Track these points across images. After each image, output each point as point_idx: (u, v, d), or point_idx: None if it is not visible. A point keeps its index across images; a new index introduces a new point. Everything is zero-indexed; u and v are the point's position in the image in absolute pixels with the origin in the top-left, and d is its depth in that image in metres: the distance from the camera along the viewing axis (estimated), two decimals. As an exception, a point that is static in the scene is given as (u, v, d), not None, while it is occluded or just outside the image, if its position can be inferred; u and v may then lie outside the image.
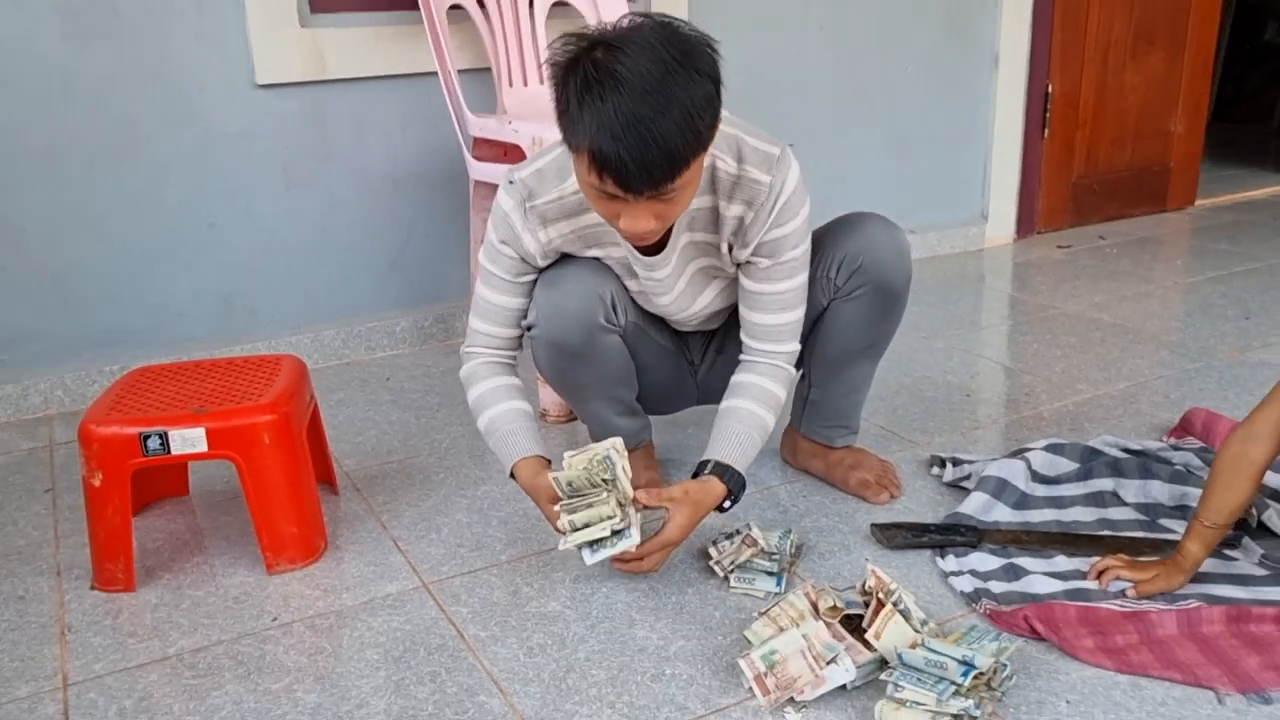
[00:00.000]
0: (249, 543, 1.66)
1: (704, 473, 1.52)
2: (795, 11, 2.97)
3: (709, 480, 1.51)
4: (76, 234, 2.25)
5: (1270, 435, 1.37)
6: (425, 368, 2.51)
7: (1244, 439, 1.39)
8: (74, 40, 2.16)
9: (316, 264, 2.52)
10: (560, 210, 1.49)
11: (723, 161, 1.45)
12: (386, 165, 2.53)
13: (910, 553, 1.60)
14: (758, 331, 1.59)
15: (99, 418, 1.54)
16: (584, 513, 1.40)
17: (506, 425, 1.55)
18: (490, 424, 1.56)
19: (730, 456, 1.53)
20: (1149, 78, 3.67)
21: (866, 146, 3.22)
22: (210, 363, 1.76)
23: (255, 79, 2.33)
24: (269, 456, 1.56)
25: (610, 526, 1.39)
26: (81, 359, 2.31)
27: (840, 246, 1.62)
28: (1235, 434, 1.41)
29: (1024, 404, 2.18)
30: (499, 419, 1.55)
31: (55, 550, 1.71)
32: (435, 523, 1.75)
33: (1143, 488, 1.71)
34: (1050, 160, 3.54)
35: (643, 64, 1.21)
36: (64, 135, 2.19)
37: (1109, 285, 3.00)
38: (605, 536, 1.40)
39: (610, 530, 1.40)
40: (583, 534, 1.40)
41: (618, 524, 1.40)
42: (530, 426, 1.56)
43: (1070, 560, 1.55)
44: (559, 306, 1.53)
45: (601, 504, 1.39)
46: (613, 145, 1.21)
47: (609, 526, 1.39)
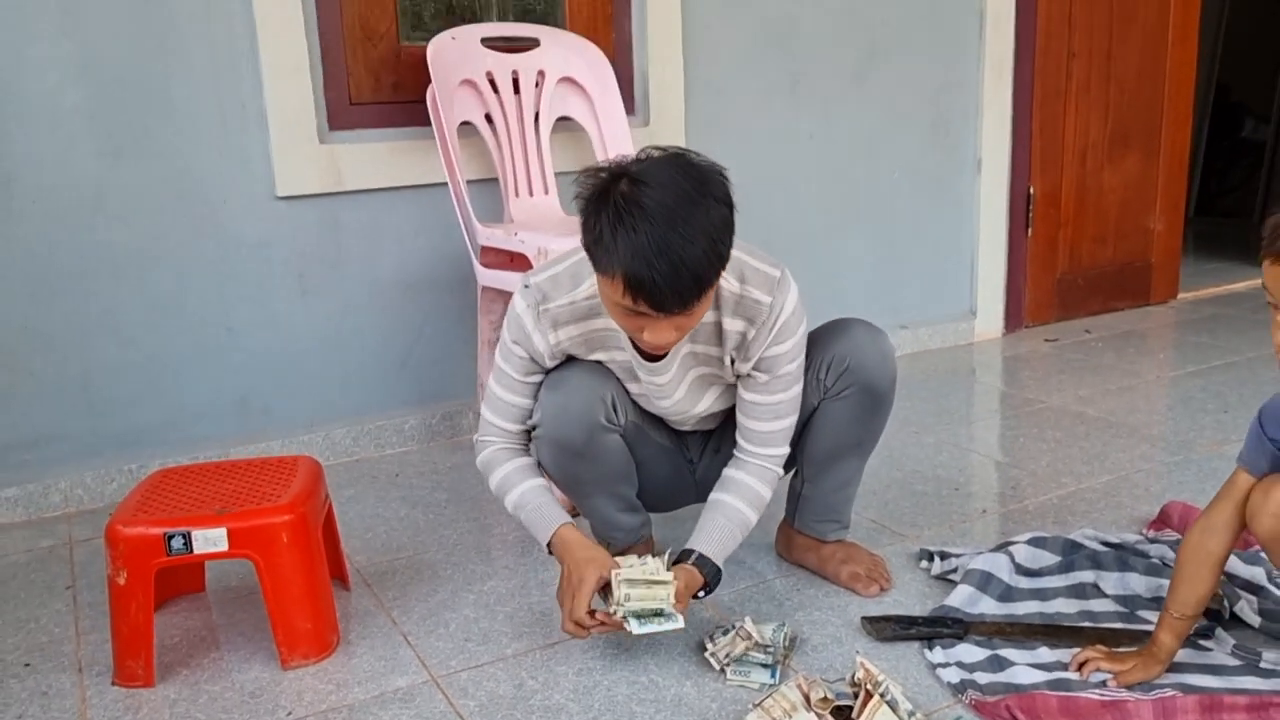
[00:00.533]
0: (264, 638, 1.73)
1: (687, 561, 1.64)
2: (786, 122, 3.13)
3: (688, 569, 1.64)
4: (101, 339, 2.36)
5: (1226, 527, 1.45)
6: (433, 464, 2.59)
7: (1201, 531, 1.48)
8: (107, 158, 2.30)
9: (329, 365, 2.62)
10: (571, 314, 1.61)
11: (726, 281, 1.56)
12: (398, 271, 2.65)
13: (899, 644, 1.66)
14: (752, 436, 1.70)
15: (126, 518, 1.62)
16: (641, 590, 1.54)
17: (537, 499, 1.67)
18: (520, 500, 1.68)
19: (711, 549, 1.66)
20: (1127, 178, 3.83)
21: (857, 248, 3.35)
22: (230, 464, 1.85)
23: (275, 191, 2.47)
24: (287, 555, 1.64)
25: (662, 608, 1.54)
26: (102, 458, 2.40)
27: (829, 349, 1.73)
28: (1194, 528, 1.49)
29: (1010, 498, 2.26)
30: (527, 495, 1.67)
31: (77, 647, 1.77)
32: (443, 617, 1.82)
33: (1121, 580, 1.78)
34: (1035, 258, 3.68)
35: (667, 196, 1.35)
36: (93, 247, 2.32)
37: (1093, 379, 3.10)
38: (659, 611, 1.54)
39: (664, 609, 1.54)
40: (637, 604, 1.53)
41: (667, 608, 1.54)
42: (556, 500, 1.69)
43: (1053, 651, 1.61)
44: (562, 407, 1.64)
45: (662, 586, 1.55)
46: (647, 271, 1.34)
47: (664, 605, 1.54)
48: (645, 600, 1.54)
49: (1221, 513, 1.47)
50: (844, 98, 3.21)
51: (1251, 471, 1.46)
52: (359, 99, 2.55)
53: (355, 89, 2.54)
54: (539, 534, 1.66)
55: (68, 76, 2.24)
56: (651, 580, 1.55)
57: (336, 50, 2.51)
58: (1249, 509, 1.44)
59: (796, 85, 3.12)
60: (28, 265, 2.27)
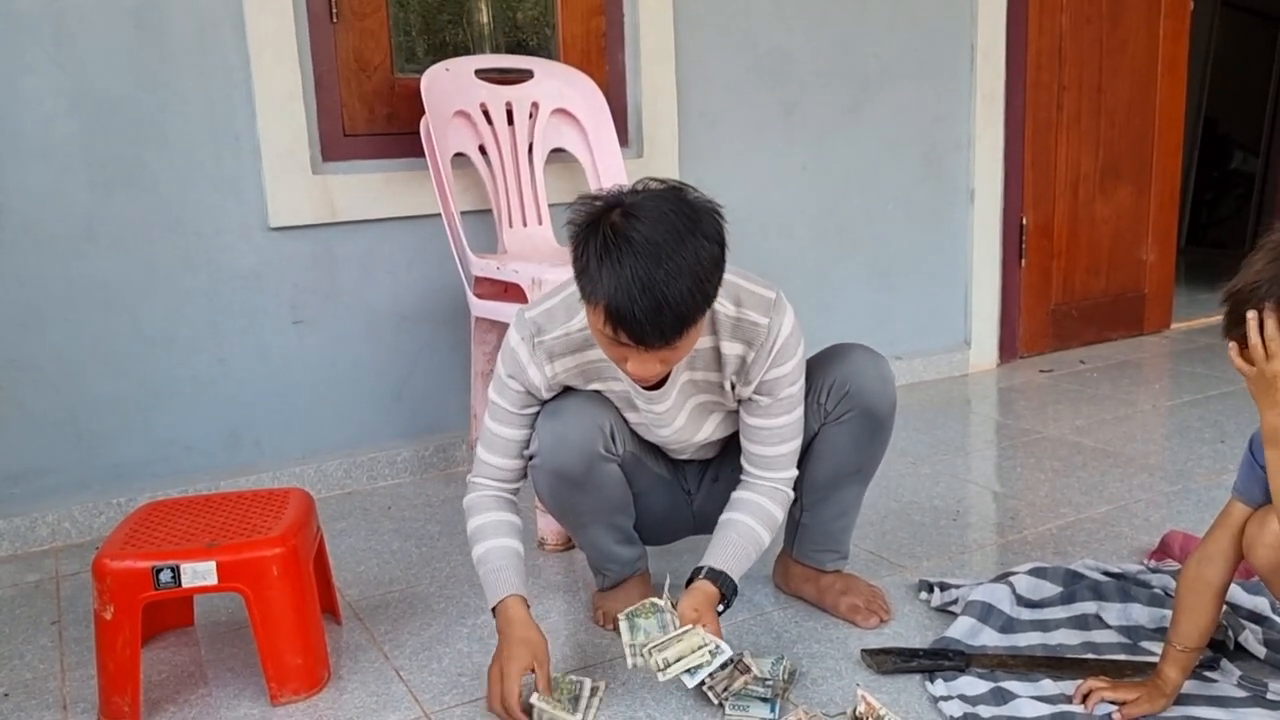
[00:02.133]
0: (253, 674, 1.69)
1: (698, 577, 1.61)
2: (779, 154, 3.14)
3: (704, 584, 1.59)
4: (91, 371, 2.34)
5: (1223, 556, 1.44)
6: (426, 497, 2.56)
7: (1199, 562, 1.46)
8: (100, 189, 2.29)
9: (322, 397, 2.60)
10: (566, 346, 1.59)
11: (722, 305, 1.55)
12: (391, 302, 2.64)
13: (900, 677, 1.64)
14: (758, 461, 1.69)
15: (113, 552, 1.59)
16: (675, 648, 1.48)
17: (499, 560, 1.62)
18: (484, 555, 1.63)
19: (725, 564, 1.62)
20: (1119, 210, 3.85)
21: (851, 279, 3.35)
22: (220, 496, 1.82)
23: (269, 222, 2.46)
24: (277, 589, 1.61)
25: (708, 653, 1.48)
26: (90, 492, 2.37)
27: (828, 374, 1.72)
28: (1191, 559, 1.47)
29: (1009, 528, 2.24)
30: (492, 553, 1.63)
31: (62, 683, 1.74)
32: (436, 652, 1.79)
33: (1124, 611, 1.76)
34: (1029, 288, 3.68)
35: (657, 231, 1.34)
36: (85, 278, 2.31)
37: (1090, 409, 3.09)
38: (704, 661, 1.48)
39: (708, 654, 1.48)
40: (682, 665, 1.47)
41: (712, 648, 1.49)
42: (519, 567, 1.63)
43: (1056, 684, 1.59)
44: (560, 436, 1.62)
45: (692, 635, 1.49)
46: (629, 305, 1.33)
47: (706, 654, 1.48)
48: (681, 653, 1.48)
49: (1218, 542, 1.45)
50: (837, 129, 3.22)
51: (1246, 501, 1.44)
52: (353, 130, 2.55)
53: (349, 120, 2.55)
54: (489, 595, 1.61)
55: (61, 108, 2.24)
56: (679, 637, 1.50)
57: (330, 82, 2.51)
58: (1245, 540, 1.43)
59: (790, 117, 3.13)
60: (18, 296, 2.26)
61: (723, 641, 1.51)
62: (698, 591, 1.58)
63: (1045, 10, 3.51)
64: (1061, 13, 3.55)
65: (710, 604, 1.58)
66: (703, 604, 1.57)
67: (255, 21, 2.37)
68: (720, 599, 1.60)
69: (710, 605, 1.58)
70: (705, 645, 1.49)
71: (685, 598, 1.57)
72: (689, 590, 1.59)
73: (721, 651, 1.49)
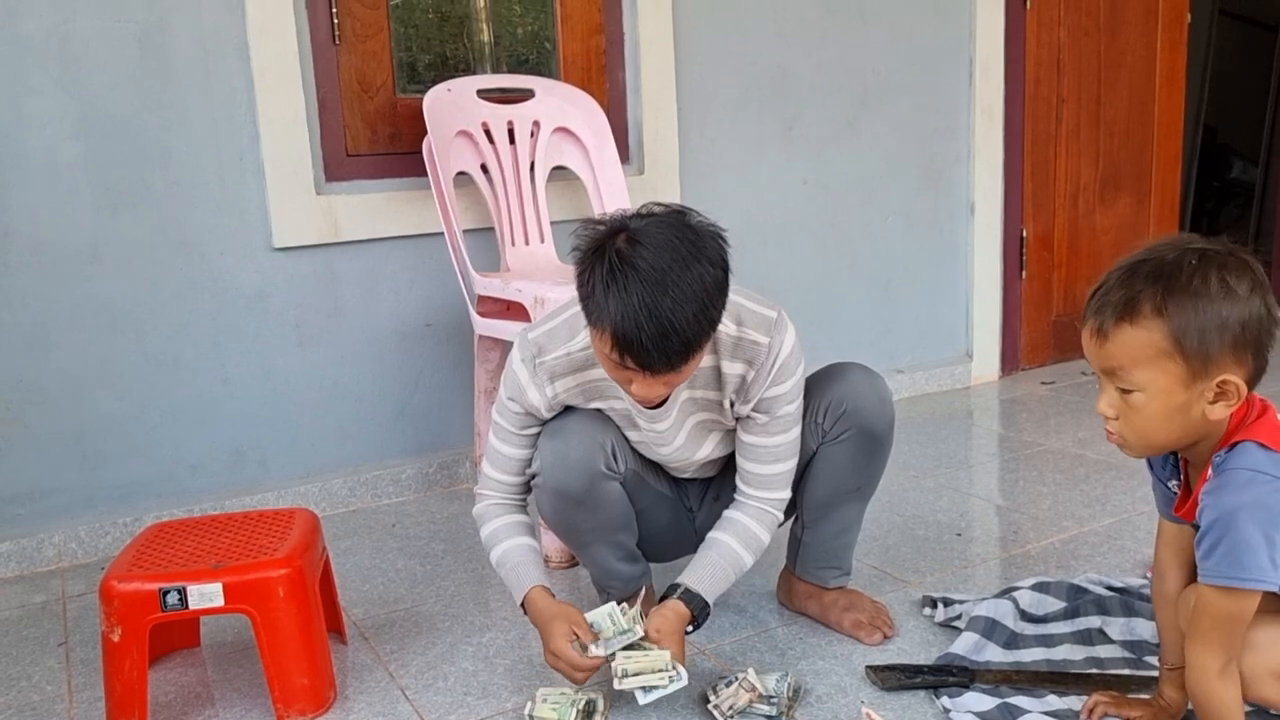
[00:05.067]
0: (259, 694, 1.70)
1: (673, 595, 1.62)
2: (780, 168, 3.15)
3: (676, 604, 1.61)
4: (97, 392, 2.36)
5: (1172, 569, 1.45)
6: (430, 514, 2.57)
7: (1157, 579, 1.48)
8: (105, 210, 2.31)
9: (326, 415, 2.61)
10: (568, 366, 1.60)
11: (724, 325, 1.56)
12: (394, 320, 2.65)
13: (905, 694, 1.64)
14: (752, 480, 1.69)
15: (121, 574, 1.60)
16: (641, 662, 1.52)
17: (517, 558, 1.65)
18: (502, 557, 1.66)
19: (701, 585, 1.63)
20: (1119, 220, 3.86)
21: (852, 293, 3.36)
22: (226, 517, 1.83)
23: (273, 243, 2.47)
24: (283, 610, 1.61)
25: (668, 677, 1.52)
26: (96, 512, 2.38)
27: (826, 394, 1.73)
28: (1153, 575, 1.48)
29: (1012, 542, 2.25)
30: (510, 552, 1.66)
31: (69, 705, 1.74)
32: (442, 670, 1.80)
33: (1128, 625, 1.76)
34: (1030, 300, 3.69)
35: (662, 258, 1.36)
36: (90, 299, 2.32)
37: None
38: (662, 683, 1.51)
39: (668, 678, 1.52)
40: (639, 680, 1.51)
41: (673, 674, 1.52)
42: (539, 562, 1.67)
43: (1061, 699, 1.59)
44: (562, 455, 1.63)
45: (659, 655, 1.52)
46: (635, 332, 1.34)
47: (667, 677, 1.51)
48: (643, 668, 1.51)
49: (1159, 557, 1.47)
50: (837, 144, 3.24)
51: (1160, 513, 1.45)
52: (356, 150, 2.57)
53: (352, 141, 2.56)
54: (514, 592, 1.65)
55: (65, 130, 2.26)
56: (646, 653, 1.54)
57: (333, 103, 2.53)
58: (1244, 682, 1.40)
59: (790, 132, 3.15)
60: (24, 317, 2.27)
61: (683, 667, 1.53)
62: (668, 610, 1.60)
63: (1043, 23, 3.53)
64: (1059, 26, 3.57)
65: (678, 625, 1.59)
66: (669, 624, 1.58)
67: (258, 44, 2.39)
68: (690, 620, 1.62)
69: (678, 626, 1.59)
70: (667, 670, 1.51)
71: (654, 616, 1.59)
72: (660, 607, 1.61)
73: (680, 679, 1.51)
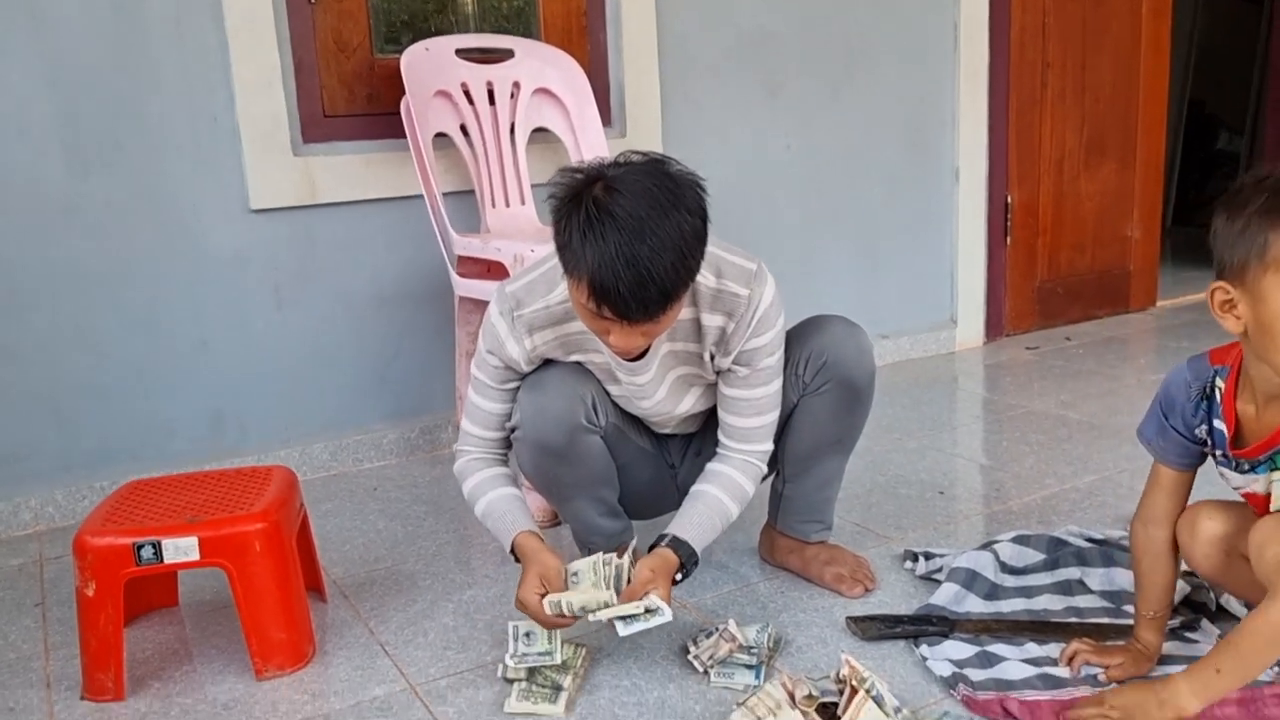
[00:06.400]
0: (237, 651, 1.69)
1: (661, 544, 1.61)
2: (764, 132, 3.13)
3: (664, 551, 1.59)
4: (71, 354, 2.33)
5: (1166, 517, 1.46)
6: (412, 478, 2.56)
7: (1144, 524, 1.48)
8: (77, 170, 2.28)
9: (305, 380, 2.59)
10: (547, 319, 1.59)
11: (703, 277, 1.55)
12: (374, 284, 2.63)
13: (885, 644, 1.64)
14: (734, 433, 1.68)
15: (94, 529, 1.58)
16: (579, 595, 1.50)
17: (503, 507, 1.64)
18: (488, 508, 1.65)
19: (688, 534, 1.62)
20: (1103, 187, 3.85)
21: (837, 258, 3.35)
22: (202, 475, 1.82)
23: (249, 204, 2.44)
24: (259, 564, 1.60)
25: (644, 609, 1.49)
26: (72, 475, 2.36)
27: (806, 345, 1.71)
28: (1134, 526, 1.49)
29: (994, 499, 2.25)
30: (495, 503, 1.64)
31: (45, 663, 1.73)
32: (422, 627, 1.79)
33: (1107, 575, 1.76)
34: (1014, 266, 3.69)
35: (640, 206, 1.34)
36: (63, 260, 2.29)
37: (1075, 384, 3.10)
38: (639, 613, 1.49)
39: (644, 609, 1.49)
40: (615, 611, 1.49)
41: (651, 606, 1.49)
42: (525, 509, 1.65)
43: (1041, 647, 1.59)
44: (541, 408, 1.61)
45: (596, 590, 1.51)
46: (613, 281, 1.33)
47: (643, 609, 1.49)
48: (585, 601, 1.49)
49: (1155, 505, 1.47)
50: (821, 108, 3.22)
51: (1163, 462, 1.44)
52: (333, 111, 2.54)
53: (329, 101, 2.53)
54: (503, 539, 1.63)
55: (37, 89, 2.22)
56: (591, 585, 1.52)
57: (309, 63, 2.49)
58: (1182, 551, 1.45)
59: (774, 96, 3.13)
60: (-4, 280, 2.25)
61: (667, 605, 1.50)
62: (656, 556, 1.59)
63: (1028, -13, 3.52)
64: (1044, -11, 3.55)
65: (667, 570, 1.57)
66: (659, 567, 1.56)
67: (233, 2, 2.36)
68: (679, 568, 1.60)
69: (667, 571, 1.57)
70: (645, 602, 1.49)
71: (644, 560, 1.57)
72: (649, 554, 1.60)
73: (661, 613, 1.49)
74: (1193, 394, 1.36)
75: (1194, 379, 1.37)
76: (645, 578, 1.53)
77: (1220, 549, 1.41)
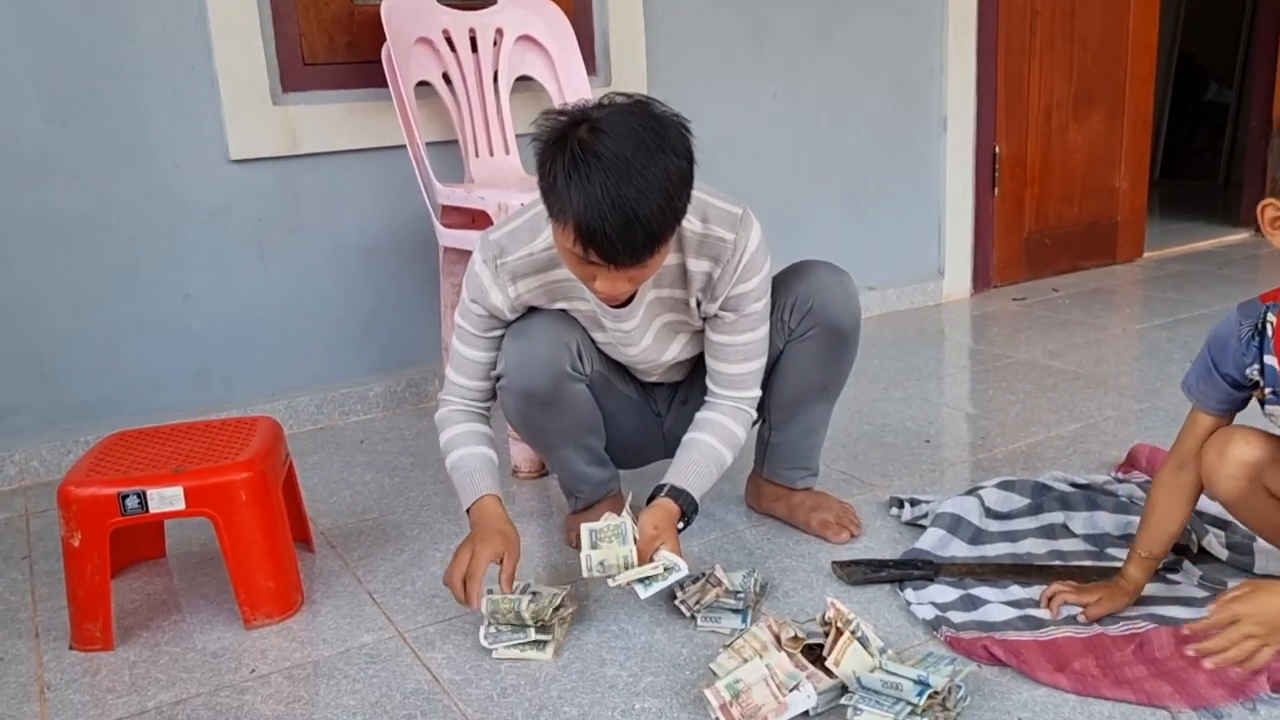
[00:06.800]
0: (225, 601, 1.69)
1: (659, 495, 1.61)
2: (750, 83, 3.10)
3: (665, 501, 1.59)
4: (52, 308, 2.31)
5: (1195, 461, 1.44)
6: (399, 431, 2.55)
7: (1175, 469, 1.47)
8: (54, 121, 2.24)
9: (290, 333, 2.58)
10: (530, 266, 1.58)
11: (688, 222, 1.53)
12: (358, 235, 2.61)
13: (870, 587, 1.65)
14: (722, 380, 1.68)
15: (78, 479, 1.58)
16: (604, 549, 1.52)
17: (473, 464, 1.63)
18: (457, 462, 1.64)
19: (686, 482, 1.62)
20: (1091, 137, 3.83)
21: (824, 210, 3.33)
22: (187, 425, 1.81)
23: (229, 155, 2.41)
24: (245, 513, 1.60)
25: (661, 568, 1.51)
26: (57, 430, 2.35)
27: (792, 291, 1.71)
28: (1165, 466, 1.48)
29: (980, 447, 2.26)
30: (465, 459, 1.64)
31: (33, 614, 1.73)
32: (410, 575, 1.79)
33: (1090, 519, 1.78)
34: (1002, 217, 3.68)
35: (625, 146, 1.32)
36: (41, 212, 2.26)
37: (1061, 334, 3.10)
38: (657, 574, 1.50)
39: (662, 568, 1.50)
40: (634, 574, 1.50)
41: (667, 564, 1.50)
42: (493, 471, 1.64)
43: (1024, 590, 1.61)
44: (526, 355, 1.61)
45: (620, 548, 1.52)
46: (599, 223, 1.31)
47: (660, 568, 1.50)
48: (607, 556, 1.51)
49: (1188, 450, 1.46)
50: (808, 57, 3.19)
51: (1203, 408, 1.44)
52: (313, 59, 2.50)
53: (308, 49, 2.49)
54: (464, 497, 1.62)
55: (11, 37, 2.18)
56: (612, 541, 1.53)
57: (288, 9, 2.45)
58: (1205, 471, 1.42)
59: (760, 45, 3.09)
60: (-26, 233, 2.22)
61: (680, 559, 1.51)
62: (658, 508, 1.59)
63: (1017, -67, 3.47)
64: (1033, -64, 3.51)
65: (670, 521, 1.58)
66: (663, 520, 1.57)
67: (208, -54, 2.31)
68: (681, 516, 1.61)
69: (670, 522, 1.58)
70: (660, 561, 1.50)
71: (646, 514, 1.57)
72: (650, 507, 1.60)
73: (678, 569, 1.50)
74: (1244, 333, 1.36)
75: (1244, 318, 1.37)
76: (650, 534, 1.54)
77: (1246, 474, 1.39)
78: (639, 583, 1.50)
